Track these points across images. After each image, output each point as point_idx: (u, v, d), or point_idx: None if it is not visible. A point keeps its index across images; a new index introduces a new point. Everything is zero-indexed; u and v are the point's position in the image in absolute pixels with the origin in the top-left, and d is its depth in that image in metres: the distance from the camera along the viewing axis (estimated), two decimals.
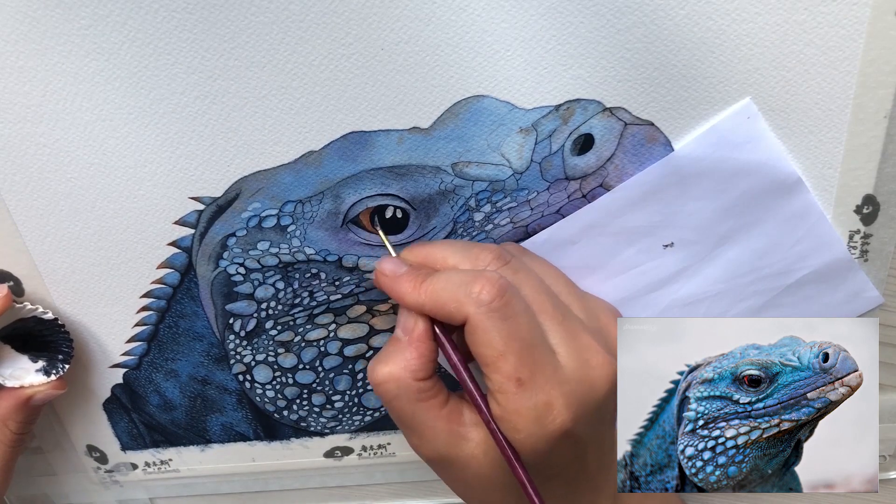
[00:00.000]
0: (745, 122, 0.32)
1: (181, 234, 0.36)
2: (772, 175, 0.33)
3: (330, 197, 0.34)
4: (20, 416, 0.38)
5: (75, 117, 0.32)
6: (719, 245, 0.35)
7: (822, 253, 0.35)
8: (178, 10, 0.30)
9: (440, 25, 0.30)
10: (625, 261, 0.36)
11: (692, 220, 0.34)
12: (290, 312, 0.38)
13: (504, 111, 0.32)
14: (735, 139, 0.32)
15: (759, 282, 0.36)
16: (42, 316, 0.37)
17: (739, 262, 0.35)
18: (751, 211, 0.34)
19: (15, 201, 0.35)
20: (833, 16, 0.30)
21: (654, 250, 0.35)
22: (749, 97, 0.31)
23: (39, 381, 0.38)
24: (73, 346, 0.38)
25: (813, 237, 0.35)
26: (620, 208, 0.34)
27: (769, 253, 0.35)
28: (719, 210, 0.34)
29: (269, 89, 0.32)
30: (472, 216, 0.35)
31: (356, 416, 0.42)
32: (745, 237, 0.35)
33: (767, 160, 0.33)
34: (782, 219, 0.34)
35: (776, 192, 0.33)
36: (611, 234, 0.35)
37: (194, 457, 0.44)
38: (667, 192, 0.34)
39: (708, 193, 0.33)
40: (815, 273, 0.36)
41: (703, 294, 0.36)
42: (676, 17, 0.30)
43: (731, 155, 0.32)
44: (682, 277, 0.36)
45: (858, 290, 0.36)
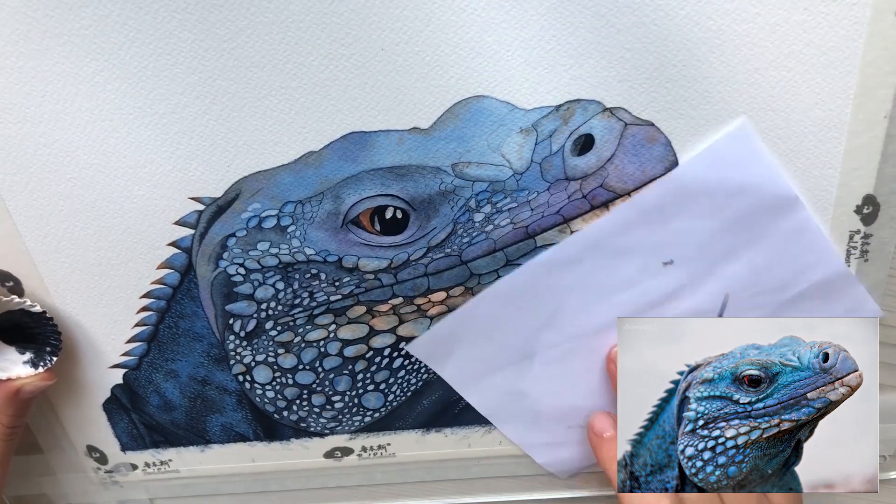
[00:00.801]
0: (742, 141, 0.32)
1: (181, 235, 0.36)
2: (769, 194, 0.33)
3: (330, 197, 0.34)
4: (10, 409, 0.38)
5: (75, 117, 0.32)
6: (718, 262, 0.35)
7: (820, 268, 0.35)
8: (178, 10, 0.30)
9: (440, 25, 0.30)
10: (626, 279, 0.36)
11: (691, 238, 0.35)
12: (290, 313, 0.38)
13: (504, 111, 0.32)
14: (732, 159, 0.32)
15: (757, 297, 0.36)
16: (30, 309, 0.37)
17: (738, 278, 0.36)
18: (749, 228, 0.34)
19: (15, 201, 0.35)
20: (833, 16, 0.30)
21: (655, 268, 0.36)
22: (744, 116, 0.32)
23: (27, 373, 0.38)
24: (61, 338, 0.38)
25: (811, 253, 0.35)
26: (621, 227, 0.34)
27: (768, 269, 0.35)
28: (718, 228, 0.34)
29: (269, 89, 0.32)
30: (473, 217, 0.35)
31: (356, 417, 0.42)
32: (744, 254, 0.35)
33: (764, 179, 0.33)
34: (780, 236, 0.34)
35: (774, 210, 0.34)
36: (612, 253, 0.35)
37: (194, 457, 0.44)
38: (666, 211, 0.34)
39: (707, 212, 0.34)
40: (813, 287, 0.36)
41: (704, 310, 0.37)
42: (676, 17, 0.30)
43: (729, 174, 0.33)
44: (683, 294, 0.36)
45: (857, 304, 0.36)
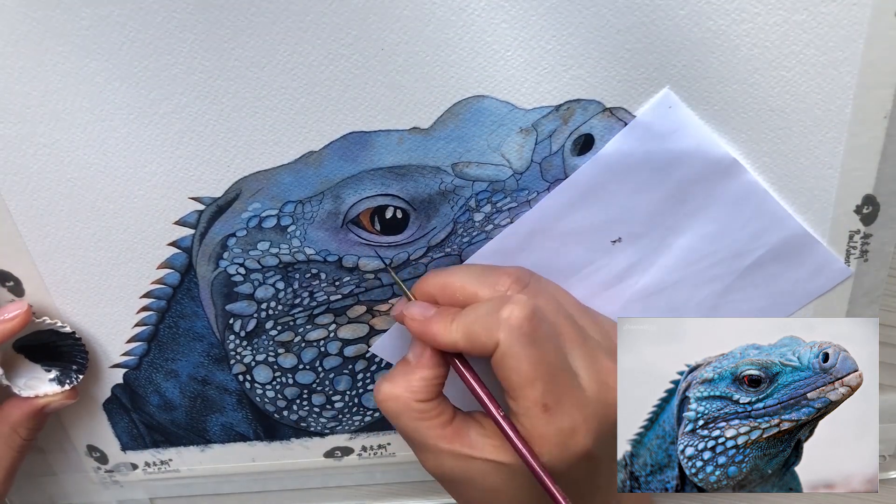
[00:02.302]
0: (668, 111, 0.32)
1: (181, 235, 0.36)
2: (705, 160, 0.33)
3: (330, 197, 0.34)
4: (31, 424, 0.39)
5: (75, 117, 0.32)
6: (668, 235, 0.35)
7: (775, 230, 0.35)
8: (177, 10, 0.30)
9: (440, 25, 0.30)
10: (575, 261, 0.36)
11: (635, 214, 0.34)
12: (290, 313, 0.38)
13: (504, 111, 0.32)
14: (661, 130, 0.32)
15: (715, 266, 0.36)
16: (60, 329, 0.38)
17: (692, 248, 0.35)
18: (693, 198, 0.34)
19: (15, 201, 0.35)
20: (833, 16, 0.30)
21: (603, 247, 0.35)
22: (667, 87, 0.31)
23: (53, 390, 0.38)
24: (87, 357, 0.39)
25: (761, 216, 0.34)
26: (561, 211, 0.34)
27: (720, 236, 0.35)
28: (660, 200, 0.34)
29: (269, 89, 0.32)
30: (473, 216, 0.35)
31: (356, 417, 0.42)
32: (693, 224, 0.35)
33: (698, 146, 0.32)
34: (726, 201, 0.34)
35: (713, 176, 0.33)
36: (556, 237, 0.35)
37: (194, 457, 0.44)
38: (604, 190, 0.33)
39: (645, 186, 0.33)
40: (772, 252, 0.35)
41: (662, 284, 0.36)
42: (676, 17, 0.30)
43: (660, 146, 0.32)
44: (637, 271, 0.36)
45: (822, 263, 0.36)
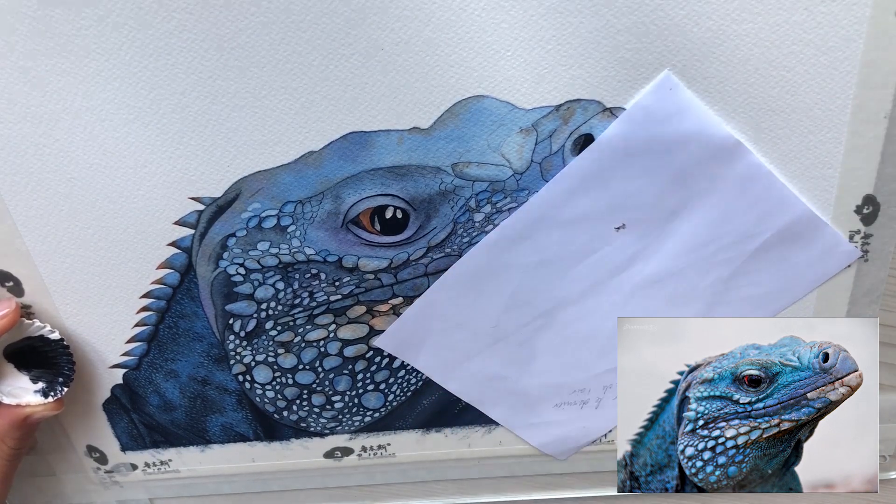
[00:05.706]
0: (669, 94, 0.31)
1: (181, 235, 0.36)
2: (707, 142, 0.32)
3: (330, 197, 0.34)
4: (17, 433, 0.39)
5: (75, 117, 0.32)
6: (672, 220, 0.35)
7: (781, 213, 0.34)
8: (177, 10, 0.30)
9: (440, 25, 0.30)
10: (580, 249, 0.35)
11: (638, 199, 0.34)
12: (289, 313, 0.38)
13: (504, 111, 0.32)
14: (661, 113, 0.32)
15: (722, 251, 0.35)
16: (49, 335, 0.38)
17: (697, 233, 0.35)
18: (696, 181, 0.33)
19: (15, 201, 0.35)
20: (833, 16, 0.30)
21: (608, 234, 0.35)
22: (667, 69, 0.31)
23: (37, 401, 0.38)
24: (74, 368, 0.39)
25: (767, 198, 0.34)
26: (563, 198, 0.34)
27: (726, 220, 0.35)
28: (663, 185, 0.33)
29: (269, 89, 0.32)
30: (473, 217, 0.35)
31: (356, 417, 0.42)
32: (697, 208, 0.34)
33: (700, 129, 0.32)
34: (730, 184, 0.33)
35: (717, 158, 0.33)
36: (560, 225, 0.35)
37: (194, 457, 0.44)
38: (605, 175, 0.33)
39: (647, 171, 0.33)
40: (779, 234, 0.35)
41: (668, 271, 0.36)
42: (676, 17, 0.30)
43: (662, 129, 0.32)
44: (643, 257, 0.36)
45: (830, 245, 0.35)
